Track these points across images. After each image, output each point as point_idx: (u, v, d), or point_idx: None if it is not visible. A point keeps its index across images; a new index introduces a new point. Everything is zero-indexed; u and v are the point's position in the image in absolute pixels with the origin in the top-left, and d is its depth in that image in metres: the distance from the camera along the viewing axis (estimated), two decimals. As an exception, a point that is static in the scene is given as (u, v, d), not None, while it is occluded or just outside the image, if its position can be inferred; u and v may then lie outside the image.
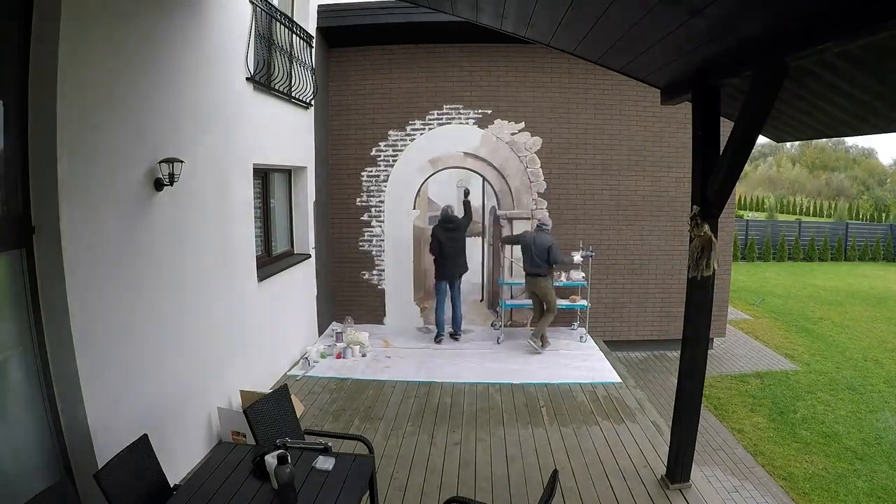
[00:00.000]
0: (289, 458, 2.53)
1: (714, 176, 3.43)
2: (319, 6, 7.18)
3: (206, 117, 4.39)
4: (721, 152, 3.39)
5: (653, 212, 7.94)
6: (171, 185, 3.66)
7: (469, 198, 7.41)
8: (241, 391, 4.67)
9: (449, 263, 7.19)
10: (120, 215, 3.30)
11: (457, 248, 7.22)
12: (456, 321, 7.48)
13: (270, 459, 2.65)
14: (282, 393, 3.66)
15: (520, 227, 7.98)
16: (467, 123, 7.85)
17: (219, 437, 4.39)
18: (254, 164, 5.36)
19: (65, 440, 2.97)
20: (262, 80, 5.42)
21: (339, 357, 6.69)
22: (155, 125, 3.64)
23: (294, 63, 6.40)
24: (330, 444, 3.07)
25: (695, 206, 3.57)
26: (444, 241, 7.13)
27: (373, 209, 8.06)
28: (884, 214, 33.11)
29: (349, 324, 7.56)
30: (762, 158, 50.19)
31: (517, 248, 7.45)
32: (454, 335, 7.49)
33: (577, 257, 7.27)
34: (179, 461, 3.86)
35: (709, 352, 3.99)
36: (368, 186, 8.05)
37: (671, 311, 7.97)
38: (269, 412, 3.44)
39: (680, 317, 3.91)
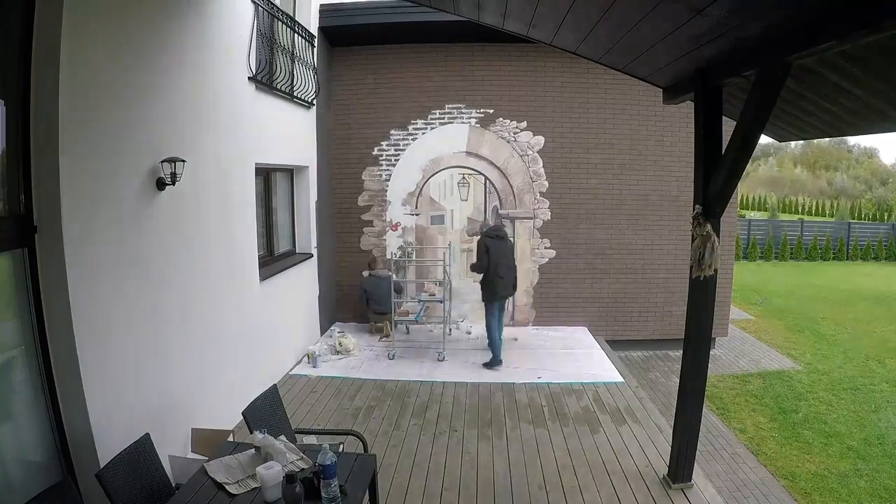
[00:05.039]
0: (297, 476, 2.50)
1: (716, 175, 3.42)
2: (321, 6, 7.18)
3: (208, 116, 4.39)
4: (723, 152, 3.39)
5: (655, 211, 7.93)
6: (174, 184, 3.67)
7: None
8: (193, 429, 3.95)
9: (500, 280, 6.26)
10: (122, 215, 3.31)
11: (507, 261, 6.38)
12: (495, 345, 6.47)
13: (263, 471, 2.57)
14: (272, 392, 3.70)
15: (522, 227, 7.98)
16: (469, 123, 7.85)
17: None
18: (256, 164, 5.36)
19: (67, 439, 2.97)
20: (264, 80, 5.42)
21: (339, 357, 6.70)
22: (157, 125, 3.64)
23: (296, 62, 6.40)
24: (341, 443, 3.07)
25: (697, 206, 3.56)
26: (493, 248, 6.23)
27: (374, 208, 8.07)
28: (886, 214, 32.95)
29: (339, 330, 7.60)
30: (764, 158, 50.02)
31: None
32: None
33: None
34: (181, 460, 3.86)
35: (711, 351, 3.98)
36: (370, 186, 8.05)
37: (673, 311, 7.95)
38: (264, 411, 3.48)
39: (682, 316, 3.90)
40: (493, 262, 6.22)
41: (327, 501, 2.46)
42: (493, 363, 6.40)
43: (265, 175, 6.15)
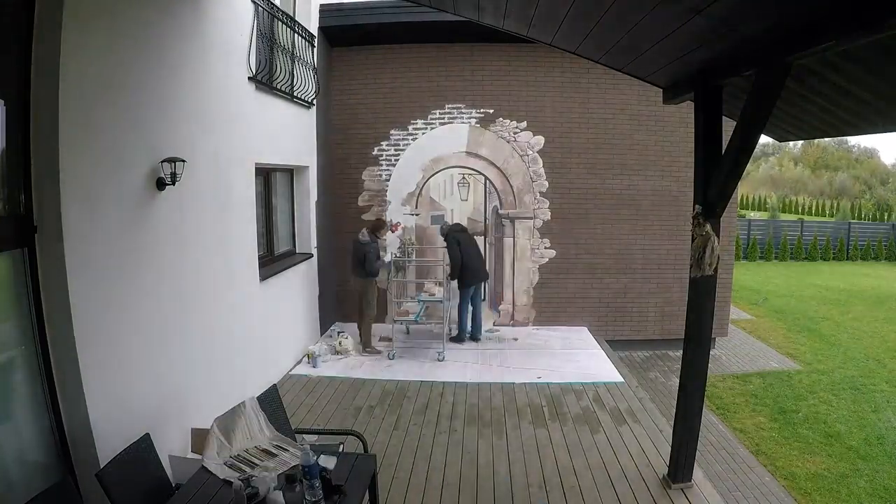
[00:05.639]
0: (298, 476, 2.50)
1: (716, 175, 3.42)
2: (321, 5, 7.18)
3: (208, 116, 4.39)
4: (723, 152, 3.39)
5: (655, 211, 7.93)
6: (174, 184, 3.67)
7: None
8: (193, 429, 3.88)
9: (472, 263, 7.06)
10: (122, 214, 3.31)
11: (475, 249, 7.19)
12: (476, 324, 7.41)
13: (238, 483, 2.48)
14: (272, 392, 3.70)
15: (522, 227, 7.98)
16: (469, 123, 7.85)
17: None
18: (256, 164, 5.36)
19: (67, 439, 2.97)
20: (264, 80, 5.42)
21: (339, 357, 6.70)
22: (157, 125, 3.64)
23: (296, 62, 6.40)
24: (341, 443, 3.08)
25: (697, 206, 3.56)
26: (462, 239, 7.05)
27: (375, 208, 8.06)
28: (886, 214, 32.99)
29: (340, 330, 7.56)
30: (764, 158, 50.05)
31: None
32: (474, 337, 7.41)
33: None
34: (181, 460, 3.86)
35: (711, 351, 3.98)
36: (370, 186, 8.05)
37: (673, 311, 7.95)
38: (264, 411, 3.47)
39: (682, 316, 3.90)
40: (465, 249, 6.98)
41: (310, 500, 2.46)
42: (460, 338, 7.27)
43: (265, 175, 6.14)
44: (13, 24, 2.68)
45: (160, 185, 3.63)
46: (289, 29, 6.14)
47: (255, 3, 5.19)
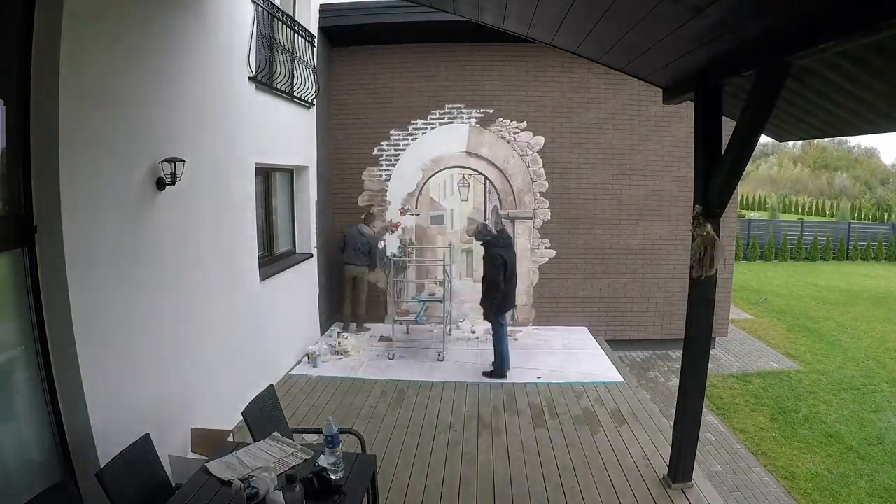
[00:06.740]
0: (298, 476, 2.50)
1: (716, 175, 3.42)
2: (321, 5, 7.18)
3: (208, 116, 4.39)
4: (723, 151, 3.39)
5: (655, 211, 7.93)
6: (174, 184, 3.67)
7: None
8: (193, 429, 3.94)
9: (513, 288, 6.06)
10: (122, 214, 3.31)
11: (515, 268, 6.07)
12: (505, 357, 6.19)
13: (238, 483, 2.45)
14: (269, 392, 3.70)
15: (522, 227, 7.98)
16: (469, 123, 7.85)
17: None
18: (256, 164, 5.36)
19: (66, 439, 2.97)
20: (264, 80, 5.42)
21: (339, 357, 6.70)
22: (157, 124, 3.64)
23: (296, 62, 6.40)
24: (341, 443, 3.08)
25: (697, 206, 3.56)
26: (510, 260, 5.90)
27: (374, 208, 8.06)
28: (886, 214, 33.01)
29: (341, 329, 7.58)
30: (764, 158, 50.07)
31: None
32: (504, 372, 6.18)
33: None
34: (181, 460, 3.86)
35: (711, 351, 3.98)
36: (370, 186, 8.05)
37: (673, 311, 7.95)
38: (263, 412, 3.48)
39: (682, 316, 3.91)
40: (510, 274, 5.89)
41: (330, 465, 2.68)
42: (499, 375, 6.07)
43: (265, 175, 6.14)
44: (13, 24, 2.68)
45: (160, 185, 3.63)
46: (289, 29, 6.14)
47: (255, 3, 5.19)
